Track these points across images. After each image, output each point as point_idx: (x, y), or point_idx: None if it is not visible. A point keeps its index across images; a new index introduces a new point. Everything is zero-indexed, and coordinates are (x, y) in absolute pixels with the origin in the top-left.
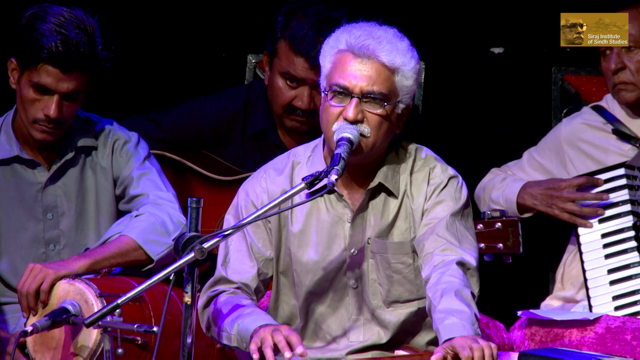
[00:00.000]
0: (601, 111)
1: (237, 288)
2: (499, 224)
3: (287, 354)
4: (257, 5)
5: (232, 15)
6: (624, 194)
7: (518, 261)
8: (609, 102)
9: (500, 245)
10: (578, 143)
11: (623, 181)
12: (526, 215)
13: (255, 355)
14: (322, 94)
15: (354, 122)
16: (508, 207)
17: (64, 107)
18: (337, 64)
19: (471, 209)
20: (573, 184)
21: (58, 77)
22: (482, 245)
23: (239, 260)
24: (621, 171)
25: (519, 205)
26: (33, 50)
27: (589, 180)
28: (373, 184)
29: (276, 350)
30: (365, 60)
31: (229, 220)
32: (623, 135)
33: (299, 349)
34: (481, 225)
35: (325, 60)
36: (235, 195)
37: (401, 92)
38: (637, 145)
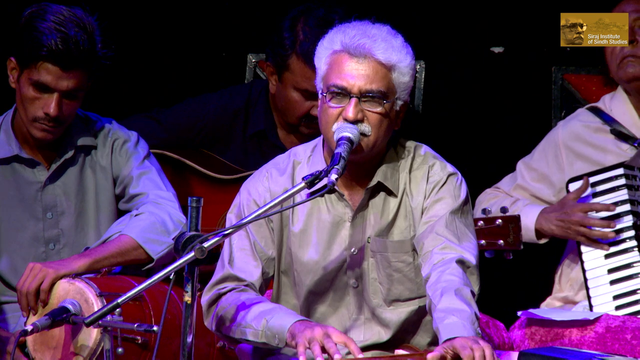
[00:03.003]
0: (598, 112)
1: (246, 285)
2: (500, 220)
3: (337, 356)
4: (257, 5)
5: (232, 15)
6: (623, 194)
7: (519, 260)
8: (606, 103)
9: (501, 241)
10: (576, 145)
11: (622, 181)
12: (543, 240)
13: (302, 357)
14: (320, 96)
15: (354, 121)
16: (524, 234)
17: (63, 106)
18: (334, 64)
19: (471, 205)
20: (584, 209)
21: (58, 75)
22: (482, 241)
23: (243, 260)
24: (620, 171)
25: (537, 232)
26: (33, 48)
27: (602, 207)
28: (372, 183)
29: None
30: (361, 59)
31: (231, 219)
32: (621, 135)
33: (360, 356)
34: (482, 221)
35: (321, 62)
36: (237, 195)
37: (399, 89)
38: (636, 145)
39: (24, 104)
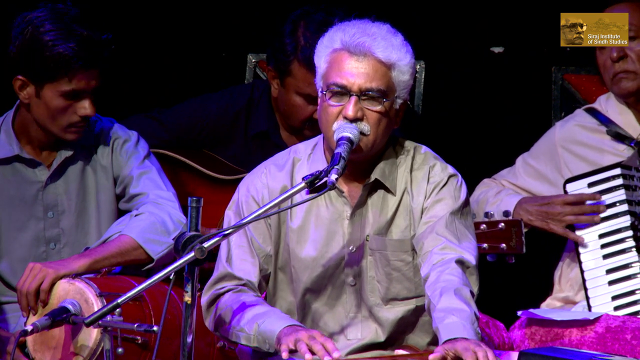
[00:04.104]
0: (594, 113)
1: (244, 285)
2: (503, 224)
3: (336, 354)
4: (257, 5)
5: (232, 15)
6: (620, 194)
7: (519, 260)
8: (602, 104)
9: (504, 245)
10: (573, 145)
11: (619, 181)
12: None
13: (285, 354)
14: (320, 94)
15: (354, 120)
16: None
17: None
18: (333, 63)
19: (470, 207)
20: (568, 200)
21: (87, 77)
22: (485, 245)
23: (241, 257)
24: (617, 171)
25: None
26: (56, 65)
27: (584, 197)
28: (370, 180)
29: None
30: (361, 57)
31: (229, 215)
32: (618, 135)
33: (336, 354)
34: (484, 225)
35: (321, 60)
36: (236, 191)
37: (398, 88)
38: (632, 145)
39: (54, 114)
